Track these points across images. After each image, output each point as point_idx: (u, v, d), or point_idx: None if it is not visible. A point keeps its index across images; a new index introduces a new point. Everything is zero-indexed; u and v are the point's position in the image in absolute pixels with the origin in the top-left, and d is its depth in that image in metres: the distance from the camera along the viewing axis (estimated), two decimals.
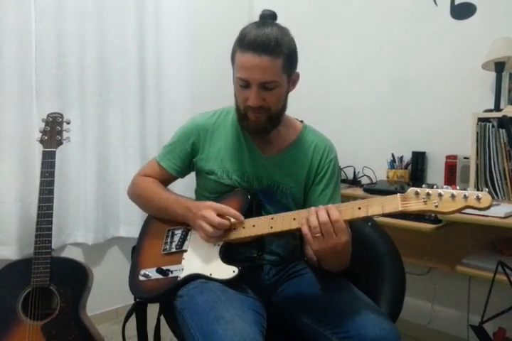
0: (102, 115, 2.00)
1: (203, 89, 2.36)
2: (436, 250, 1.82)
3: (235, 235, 1.08)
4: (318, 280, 1.12)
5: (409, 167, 2.03)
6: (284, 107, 1.15)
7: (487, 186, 1.66)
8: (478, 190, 0.83)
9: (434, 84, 2.00)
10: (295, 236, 1.24)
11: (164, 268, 1.10)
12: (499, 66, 1.73)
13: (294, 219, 1.00)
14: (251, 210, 1.13)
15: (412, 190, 0.87)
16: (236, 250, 1.11)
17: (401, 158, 2.06)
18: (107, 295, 2.04)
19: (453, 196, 0.83)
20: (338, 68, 2.16)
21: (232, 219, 1.07)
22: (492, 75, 1.77)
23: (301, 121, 1.28)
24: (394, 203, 0.88)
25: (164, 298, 1.11)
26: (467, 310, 1.88)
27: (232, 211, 1.07)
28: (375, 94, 2.22)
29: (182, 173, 1.28)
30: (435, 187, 0.85)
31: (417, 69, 2.05)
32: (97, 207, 1.98)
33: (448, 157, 1.90)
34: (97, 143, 1.99)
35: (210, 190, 1.22)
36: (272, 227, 1.02)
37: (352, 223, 1.02)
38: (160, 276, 1.10)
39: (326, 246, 0.92)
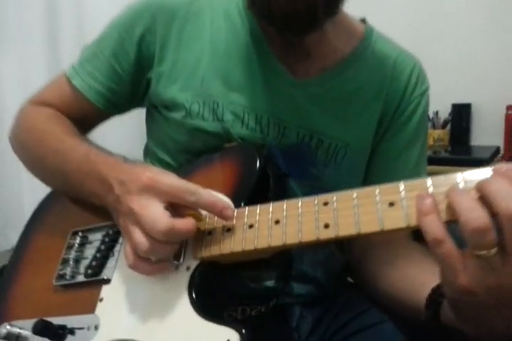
0: None
1: None
2: None
3: (226, 246, 0.44)
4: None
5: (449, 126, 1.58)
6: None
7: None
8: None
9: (479, 7, 1.48)
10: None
11: (55, 321, 0.50)
12: None
13: (392, 203, 0.37)
14: (265, 190, 0.50)
15: None
16: (228, 278, 0.48)
17: (437, 114, 1.57)
18: None
19: None
20: None
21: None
22: None
23: (363, 21, 0.66)
24: None
25: None
26: None
27: (213, 195, 0.46)
28: (393, 27, 1.65)
29: (115, 105, 0.65)
30: None
31: None
32: None
33: (510, 107, 1.42)
34: None
35: (173, 146, 0.61)
36: (326, 226, 0.39)
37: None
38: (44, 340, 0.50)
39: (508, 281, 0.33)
